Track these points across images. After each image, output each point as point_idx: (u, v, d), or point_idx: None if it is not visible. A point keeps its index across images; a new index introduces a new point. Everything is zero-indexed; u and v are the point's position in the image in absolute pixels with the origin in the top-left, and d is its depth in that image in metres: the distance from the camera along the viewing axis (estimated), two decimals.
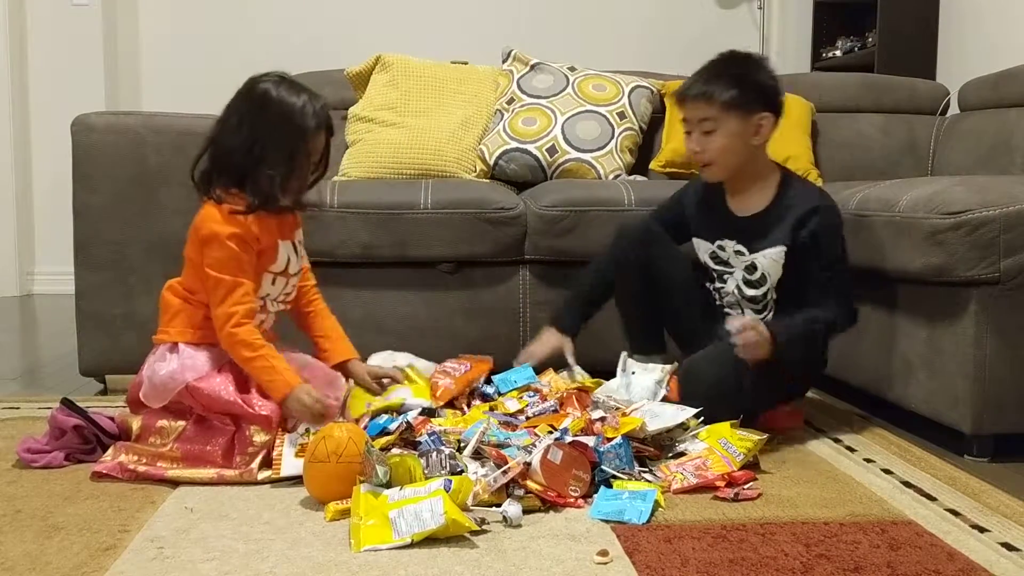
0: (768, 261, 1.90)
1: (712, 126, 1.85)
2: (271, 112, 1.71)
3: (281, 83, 1.73)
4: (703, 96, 1.84)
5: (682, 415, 1.73)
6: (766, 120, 1.86)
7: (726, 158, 1.87)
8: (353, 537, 1.35)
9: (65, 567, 1.25)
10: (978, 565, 1.29)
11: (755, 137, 1.86)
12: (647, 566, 1.27)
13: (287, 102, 1.71)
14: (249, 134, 1.71)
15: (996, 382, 1.78)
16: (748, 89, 1.84)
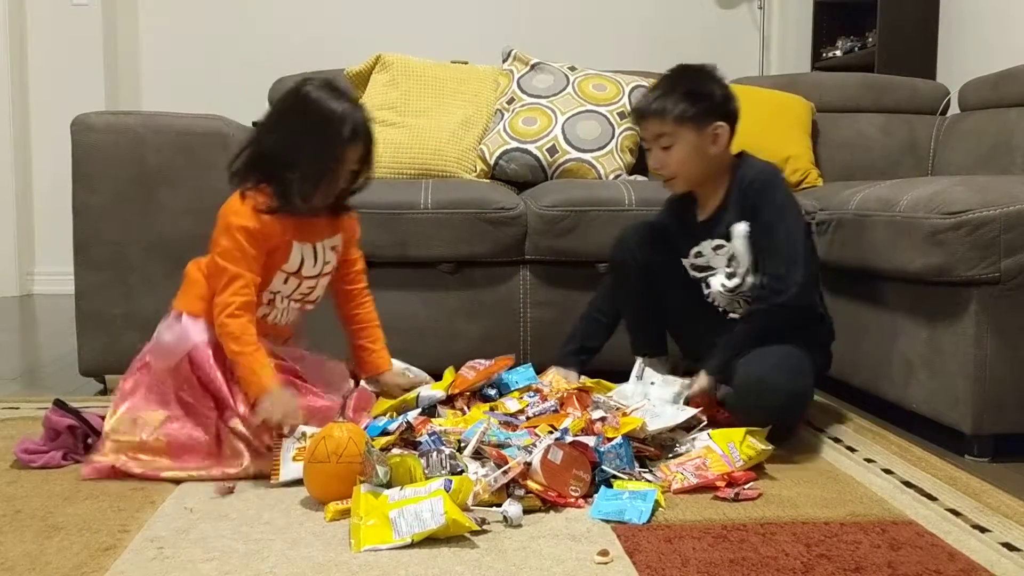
0: (739, 241, 1.89)
1: (669, 141, 1.87)
2: (308, 116, 1.71)
3: (324, 87, 1.73)
4: (656, 113, 1.86)
5: (682, 415, 1.73)
6: (721, 129, 1.87)
7: (686, 170, 1.89)
8: (353, 537, 1.34)
9: (65, 567, 1.25)
10: (979, 565, 1.29)
11: (712, 147, 1.87)
12: (647, 566, 1.27)
13: (326, 107, 1.70)
14: (284, 136, 1.72)
15: (996, 382, 1.78)
16: (700, 101, 1.85)
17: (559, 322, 2.35)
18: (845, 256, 2.14)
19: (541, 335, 2.37)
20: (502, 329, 2.36)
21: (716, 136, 1.86)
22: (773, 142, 2.78)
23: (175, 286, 1.87)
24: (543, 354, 2.31)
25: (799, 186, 2.76)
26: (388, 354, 1.96)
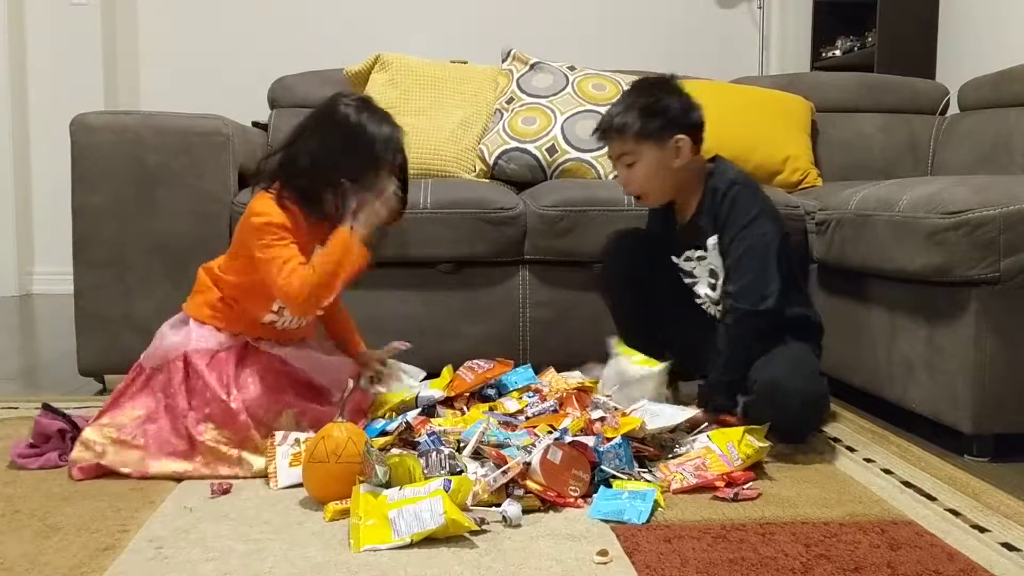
0: (713, 254, 1.90)
1: (632, 159, 1.87)
2: (354, 135, 1.74)
3: (365, 108, 1.77)
4: (617, 131, 1.86)
5: (681, 415, 1.72)
6: (683, 142, 1.85)
7: (652, 186, 1.89)
8: (353, 537, 1.34)
9: (64, 567, 1.25)
10: (978, 565, 1.29)
11: (676, 160, 1.86)
12: (647, 566, 1.27)
13: (370, 130, 1.74)
14: (321, 149, 1.73)
15: (996, 382, 1.77)
16: (658, 116, 1.84)
17: (558, 322, 2.36)
18: (845, 256, 2.14)
19: (540, 335, 2.36)
20: (501, 329, 2.36)
21: (678, 149, 1.85)
22: (773, 142, 2.78)
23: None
24: (542, 354, 2.32)
25: (799, 186, 2.75)
26: (358, 342, 2.00)
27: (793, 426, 1.73)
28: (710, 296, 1.94)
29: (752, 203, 1.85)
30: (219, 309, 1.78)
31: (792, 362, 1.80)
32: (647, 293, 2.02)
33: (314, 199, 1.74)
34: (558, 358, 2.22)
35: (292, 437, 1.65)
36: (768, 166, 2.74)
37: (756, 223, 1.83)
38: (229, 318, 1.78)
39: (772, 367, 1.78)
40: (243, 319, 1.79)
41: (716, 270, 1.91)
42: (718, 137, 2.70)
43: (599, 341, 2.15)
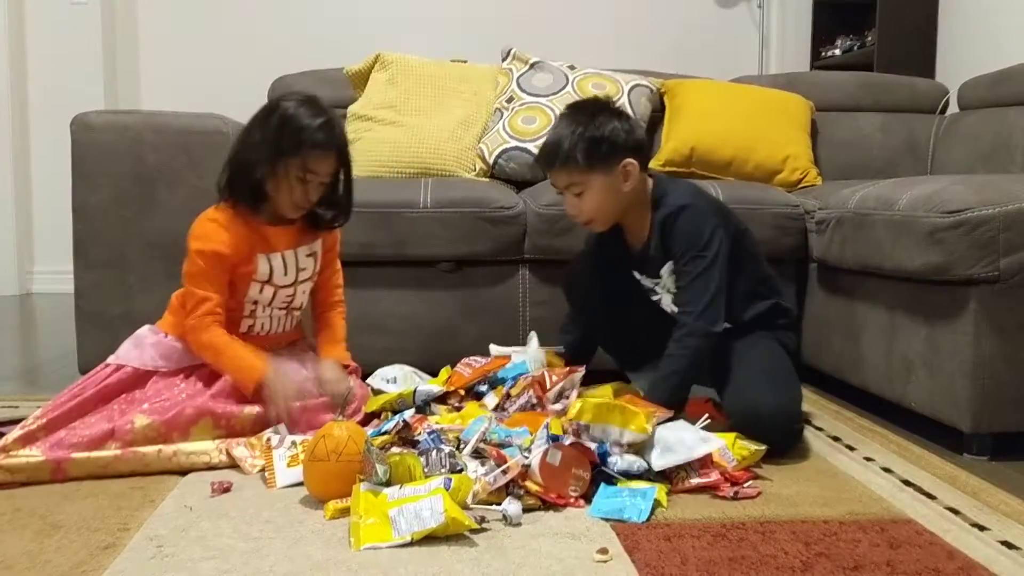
0: (670, 279, 1.90)
1: (580, 188, 1.83)
2: (277, 126, 1.74)
3: (302, 103, 1.76)
4: (563, 163, 1.81)
5: (701, 449, 1.60)
6: (631, 166, 1.83)
7: (603, 212, 1.87)
8: (353, 535, 1.34)
9: (64, 565, 1.25)
10: (978, 563, 1.29)
11: (625, 184, 1.84)
12: (647, 564, 1.27)
13: (294, 118, 1.74)
14: (253, 145, 1.76)
15: (995, 381, 1.78)
16: (600, 144, 1.80)
17: (558, 320, 2.35)
18: (844, 254, 2.14)
19: (540, 333, 2.35)
20: (501, 328, 2.36)
21: (627, 172, 1.83)
22: (772, 141, 2.78)
23: (175, 285, 1.88)
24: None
25: (798, 185, 2.75)
26: (338, 350, 1.97)
27: (776, 444, 1.72)
28: (674, 311, 1.95)
29: (702, 224, 1.82)
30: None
31: (762, 377, 1.79)
32: (618, 308, 2.02)
33: (260, 195, 1.77)
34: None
35: (288, 440, 1.66)
36: (768, 165, 2.74)
37: (708, 247, 1.81)
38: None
39: (747, 390, 1.77)
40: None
41: (671, 291, 1.92)
42: (718, 136, 2.72)
43: None
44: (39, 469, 1.58)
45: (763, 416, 1.73)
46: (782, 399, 1.78)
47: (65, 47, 4.17)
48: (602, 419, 1.60)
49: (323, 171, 1.78)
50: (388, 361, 2.18)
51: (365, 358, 2.21)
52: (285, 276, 1.86)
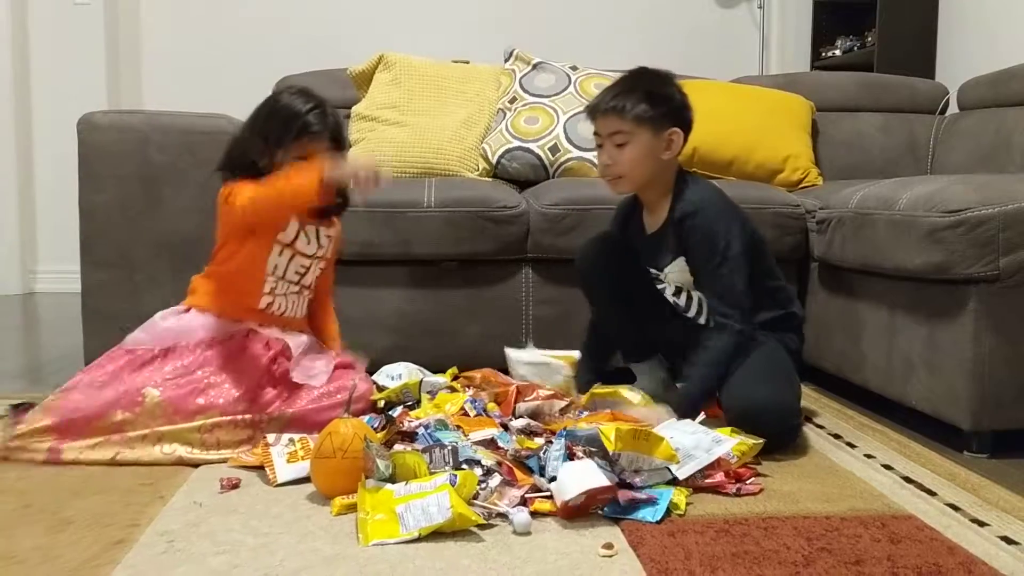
0: (675, 274, 1.92)
1: (624, 139, 1.84)
2: (268, 112, 1.83)
3: (295, 93, 1.84)
4: (615, 110, 1.83)
5: (717, 450, 1.60)
6: (676, 136, 1.86)
7: (636, 171, 1.87)
8: (361, 531, 1.36)
9: (76, 560, 1.27)
10: (978, 558, 1.30)
11: (666, 152, 1.86)
12: (651, 559, 1.29)
13: (288, 105, 1.82)
14: (255, 133, 1.82)
15: (995, 379, 1.79)
16: (659, 104, 1.84)
17: (561, 319, 2.38)
18: (845, 254, 2.16)
19: (543, 332, 2.38)
20: (504, 327, 2.37)
21: (671, 141, 1.85)
22: (773, 141, 2.80)
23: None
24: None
25: (799, 185, 2.77)
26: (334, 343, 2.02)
27: (776, 438, 1.73)
28: (678, 304, 1.97)
29: (718, 225, 1.84)
30: (218, 296, 1.85)
31: (760, 374, 1.81)
32: (627, 293, 2.02)
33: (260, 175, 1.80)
34: None
35: (285, 438, 1.68)
36: (769, 165, 2.76)
37: (728, 248, 1.83)
38: (229, 305, 1.84)
39: (742, 387, 1.79)
40: (241, 305, 1.85)
41: (681, 286, 1.94)
42: (719, 136, 2.74)
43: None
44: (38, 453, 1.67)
45: (758, 411, 1.75)
46: (777, 395, 1.79)
47: (68, 47, 4.19)
48: (631, 447, 1.53)
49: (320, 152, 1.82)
50: (392, 359, 2.19)
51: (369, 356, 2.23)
52: (308, 245, 1.90)
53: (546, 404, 1.90)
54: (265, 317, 1.87)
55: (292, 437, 1.68)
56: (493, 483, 1.48)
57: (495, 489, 1.47)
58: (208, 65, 4.29)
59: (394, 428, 1.70)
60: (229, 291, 1.85)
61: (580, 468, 1.46)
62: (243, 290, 1.85)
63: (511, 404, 1.87)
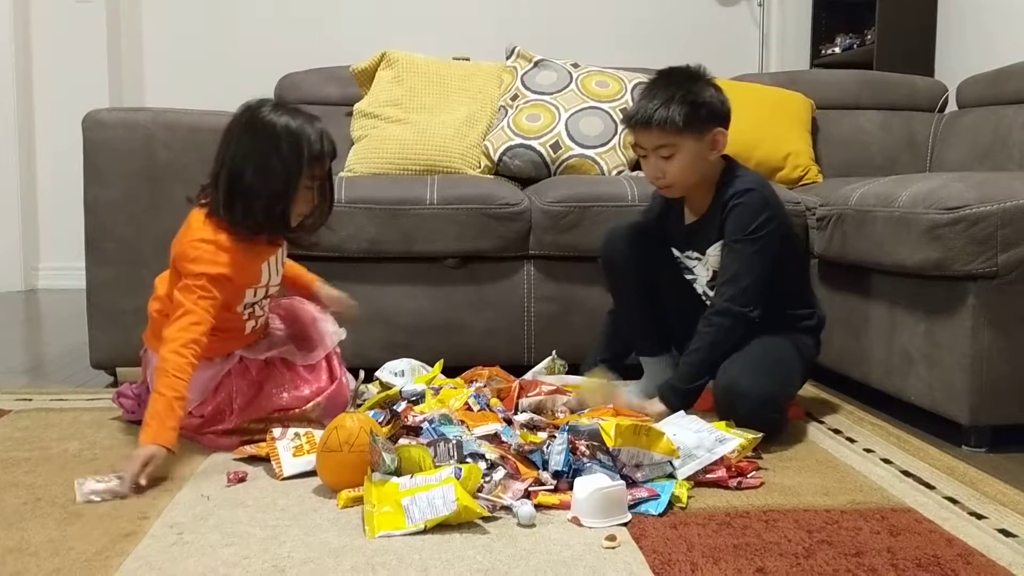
0: (714, 258, 1.93)
1: (670, 151, 1.84)
2: (289, 146, 1.70)
3: (290, 114, 1.73)
4: (659, 124, 1.82)
5: (720, 449, 1.61)
6: (720, 135, 1.86)
7: (686, 178, 1.88)
8: (367, 524, 1.38)
9: (87, 552, 1.28)
10: (976, 550, 1.32)
11: (712, 152, 1.87)
12: (654, 551, 1.31)
13: (300, 132, 1.70)
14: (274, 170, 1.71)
15: (993, 374, 1.81)
16: (700, 108, 1.83)
17: (563, 316, 2.40)
18: (845, 251, 2.17)
19: (545, 329, 2.40)
20: (507, 323, 2.39)
21: (715, 142, 1.86)
22: (773, 139, 2.81)
23: None
24: (547, 348, 2.35)
25: (799, 182, 2.79)
26: (307, 276, 2.06)
27: (750, 426, 1.74)
28: (708, 295, 1.98)
29: (760, 210, 1.85)
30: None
31: (753, 361, 1.82)
32: (651, 283, 2.04)
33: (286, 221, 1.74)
34: (563, 352, 2.26)
35: (291, 432, 1.70)
36: (769, 163, 2.77)
37: (759, 232, 1.84)
38: (215, 347, 1.77)
39: (732, 369, 1.81)
40: (227, 342, 1.82)
41: (716, 271, 1.95)
42: None
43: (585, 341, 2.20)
44: None
45: (737, 395, 1.77)
46: (761, 383, 1.78)
47: (70, 45, 4.20)
48: (631, 442, 1.54)
49: (322, 175, 1.78)
50: (395, 356, 2.21)
51: (372, 352, 2.26)
52: (276, 276, 1.88)
53: (548, 399, 1.92)
54: (249, 338, 1.87)
55: (298, 431, 1.70)
56: (497, 476, 1.50)
57: (499, 482, 1.49)
58: (210, 62, 4.30)
59: (399, 422, 1.72)
60: (214, 335, 1.72)
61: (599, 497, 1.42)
62: (225, 331, 1.79)
63: (514, 399, 1.90)
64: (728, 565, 1.26)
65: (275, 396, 1.80)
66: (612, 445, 1.52)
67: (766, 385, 1.80)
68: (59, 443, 1.79)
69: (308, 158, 1.71)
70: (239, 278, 1.75)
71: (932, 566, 1.27)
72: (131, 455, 1.57)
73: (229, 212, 1.72)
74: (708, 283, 1.98)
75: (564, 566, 1.26)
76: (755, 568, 1.26)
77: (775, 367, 1.85)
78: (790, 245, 1.95)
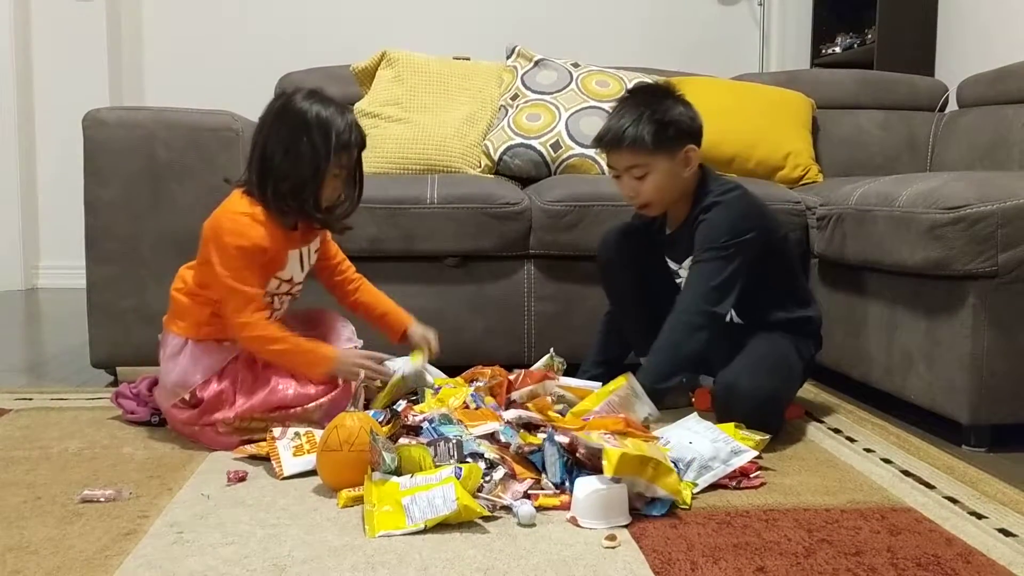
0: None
1: (643, 171, 1.84)
2: (320, 134, 1.75)
3: (322, 102, 1.78)
4: (629, 144, 1.82)
5: (736, 461, 1.59)
6: (692, 152, 1.86)
7: (661, 195, 1.88)
8: (367, 523, 1.38)
9: (88, 551, 1.28)
10: (975, 550, 1.32)
11: (685, 169, 1.87)
12: (654, 550, 1.31)
13: (330, 121, 1.75)
14: (304, 156, 1.75)
15: (993, 374, 1.81)
16: (669, 127, 1.83)
17: (563, 315, 2.40)
18: (845, 250, 2.17)
19: (545, 328, 2.40)
20: (507, 322, 2.39)
21: (688, 159, 1.86)
22: (774, 138, 2.81)
23: None
24: (547, 347, 2.34)
25: (800, 182, 2.79)
26: (403, 311, 2.06)
27: (750, 426, 1.73)
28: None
29: (727, 223, 1.83)
30: (214, 324, 1.81)
31: (753, 362, 1.82)
32: (645, 283, 2.04)
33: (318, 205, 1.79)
34: (563, 351, 2.25)
35: (291, 431, 1.70)
36: (769, 162, 2.77)
37: (727, 246, 1.82)
38: (221, 327, 1.80)
39: (732, 369, 1.81)
40: None
41: None
42: (720, 134, 2.75)
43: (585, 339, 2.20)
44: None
45: (738, 395, 1.76)
46: (762, 383, 1.78)
47: (70, 44, 4.20)
48: (634, 473, 1.45)
49: (350, 164, 1.83)
50: (396, 354, 2.21)
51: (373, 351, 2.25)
52: (302, 272, 1.91)
53: (540, 386, 1.92)
54: None
55: (298, 431, 1.71)
56: (497, 476, 1.50)
57: (499, 482, 1.49)
58: (210, 62, 4.30)
59: (399, 422, 1.72)
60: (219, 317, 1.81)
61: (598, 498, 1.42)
62: None
63: (504, 394, 1.89)
64: (728, 564, 1.26)
65: (280, 390, 1.80)
66: (611, 474, 1.44)
67: (767, 385, 1.80)
68: (59, 442, 1.79)
69: (336, 146, 1.75)
70: (273, 250, 1.79)
71: (932, 565, 1.27)
72: (354, 383, 1.76)
73: (261, 192, 1.78)
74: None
75: (564, 565, 1.26)
76: (755, 567, 1.26)
77: (776, 368, 1.85)
78: (777, 249, 1.92)
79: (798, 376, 1.96)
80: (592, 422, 1.68)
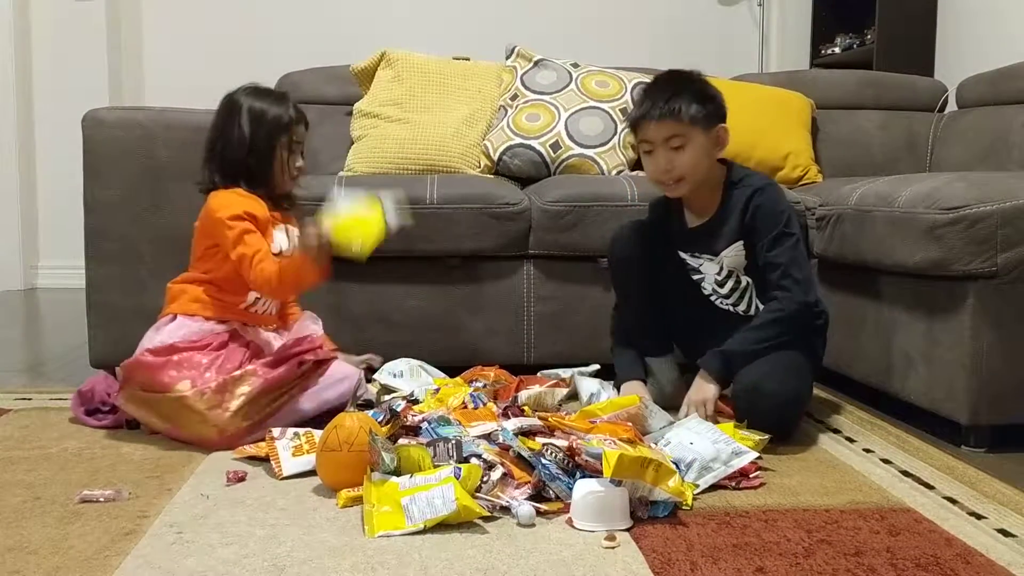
0: (730, 259, 1.95)
1: (680, 142, 1.85)
2: (251, 117, 1.92)
3: (252, 92, 1.95)
4: (671, 114, 1.84)
5: (737, 462, 1.59)
6: (724, 132, 1.89)
7: (695, 172, 1.89)
8: (367, 523, 1.38)
9: (88, 551, 1.28)
10: (975, 550, 1.32)
11: (717, 149, 1.90)
12: (653, 550, 1.31)
13: (259, 105, 1.93)
14: (235, 141, 1.91)
15: (993, 374, 1.81)
16: (708, 103, 1.87)
17: (562, 316, 2.40)
18: (845, 251, 2.17)
19: (544, 328, 2.40)
20: (506, 323, 2.39)
21: (720, 139, 1.89)
22: (773, 139, 2.82)
23: None
24: (546, 347, 2.36)
25: (799, 182, 2.79)
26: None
27: (770, 426, 1.75)
28: (718, 292, 1.98)
29: (784, 204, 1.91)
30: (204, 301, 1.93)
31: (773, 363, 1.82)
32: (656, 282, 2.04)
33: (256, 178, 1.92)
34: (562, 351, 2.26)
35: (290, 432, 1.70)
36: (769, 162, 2.77)
37: (791, 224, 1.88)
38: (215, 307, 1.93)
39: (755, 369, 1.82)
40: (226, 307, 1.94)
41: (734, 270, 1.95)
42: None
43: (603, 335, 2.20)
44: None
45: (762, 396, 1.77)
46: (789, 383, 1.81)
47: (69, 44, 4.20)
48: (634, 475, 1.44)
49: (302, 137, 1.98)
50: (395, 355, 2.21)
51: (372, 352, 2.25)
52: (288, 249, 1.96)
53: (548, 393, 1.92)
54: (248, 316, 1.97)
55: (297, 431, 1.71)
56: (496, 476, 1.50)
57: (498, 482, 1.49)
58: (209, 62, 4.29)
59: (398, 422, 1.72)
60: (216, 296, 1.93)
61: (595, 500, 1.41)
62: (230, 294, 1.94)
63: (511, 392, 1.88)
64: (728, 565, 1.26)
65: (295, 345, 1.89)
66: (610, 476, 1.42)
67: (793, 385, 1.82)
68: (59, 442, 1.79)
69: (278, 126, 1.92)
70: (262, 219, 1.91)
71: (931, 566, 1.27)
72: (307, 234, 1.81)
73: (232, 182, 1.92)
74: (717, 281, 1.98)
75: (564, 566, 1.26)
76: (755, 568, 1.26)
77: (796, 368, 1.86)
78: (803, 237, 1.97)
79: (812, 376, 1.96)
80: (601, 425, 1.68)
